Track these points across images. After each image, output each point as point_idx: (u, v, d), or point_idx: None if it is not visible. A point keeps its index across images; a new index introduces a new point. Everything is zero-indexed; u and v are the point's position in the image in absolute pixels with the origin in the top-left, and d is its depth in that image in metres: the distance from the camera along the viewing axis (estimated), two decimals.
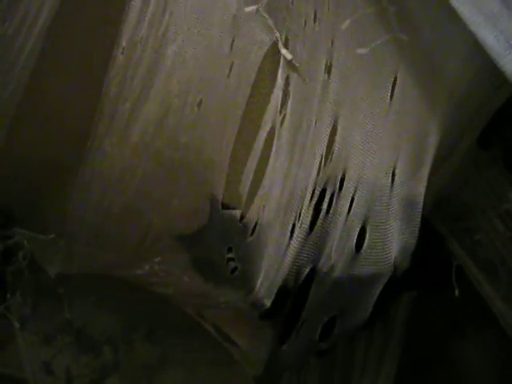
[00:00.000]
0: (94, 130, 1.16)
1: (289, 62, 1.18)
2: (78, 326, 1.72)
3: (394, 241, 1.36)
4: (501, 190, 1.67)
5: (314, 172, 1.24)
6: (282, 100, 1.19)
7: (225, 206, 1.22)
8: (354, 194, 1.29)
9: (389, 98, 1.27)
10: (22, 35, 1.15)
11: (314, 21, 1.20)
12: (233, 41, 1.17)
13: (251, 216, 1.21)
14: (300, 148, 1.22)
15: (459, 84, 1.35)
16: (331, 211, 1.28)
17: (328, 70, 1.21)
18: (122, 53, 1.14)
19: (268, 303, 1.29)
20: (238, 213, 1.21)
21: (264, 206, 1.21)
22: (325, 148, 1.25)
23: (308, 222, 1.27)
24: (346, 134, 1.27)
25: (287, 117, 1.20)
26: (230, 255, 1.24)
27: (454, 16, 1.01)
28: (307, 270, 1.29)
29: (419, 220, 1.40)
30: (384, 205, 1.35)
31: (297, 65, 1.19)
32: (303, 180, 1.23)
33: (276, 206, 1.21)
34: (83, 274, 1.53)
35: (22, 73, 1.18)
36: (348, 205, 1.29)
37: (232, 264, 1.24)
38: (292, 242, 1.26)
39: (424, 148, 1.36)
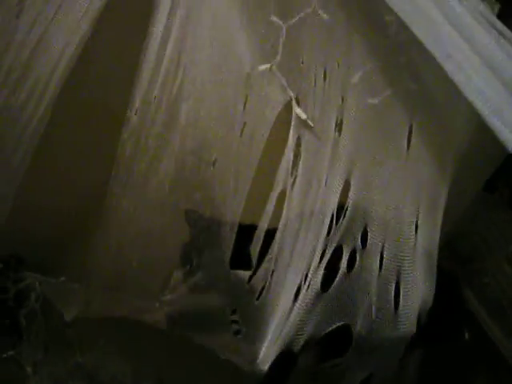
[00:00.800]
0: (110, 188, 1.18)
1: (301, 122, 1.18)
2: (89, 370, 1.72)
3: (419, 295, 1.31)
4: (508, 232, 1.67)
5: (324, 232, 1.21)
6: (294, 161, 1.19)
7: None
8: (382, 250, 1.24)
9: (406, 146, 1.24)
10: (32, 105, 1.18)
11: (324, 79, 1.20)
12: (246, 99, 1.18)
13: (259, 279, 1.20)
14: (310, 209, 1.21)
15: (468, 132, 1.34)
16: (355, 269, 1.22)
17: (339, 127, 1.21)
18: (136, 113, 1.16)
19: (265, 367, 1.22)
20: (246, 274, 1.19)
21: (273, 270, 1.19)
22: (335, 207, 1.22)
23: (318, 283, 1.22)
24: (361, 189, 1.25)
25: (298, 178, 1.19)
26: (234, 317, 1.22)
27: None
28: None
29: (435, 271, 1.35)
30: (411, 258, 1.29)
31: (310, 124, 1.19)
32: (312, 241, 1.20)
33: (284, 269, 1.19)
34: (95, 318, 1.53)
35: (31, 141, 1.20)
36: (378, 261, 1.23)
37: (235, 326, 1.22)
38: (297, 305, 1.21)
39: (439, 195, 1.34)
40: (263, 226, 1.19)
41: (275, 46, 1.17)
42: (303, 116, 1.19)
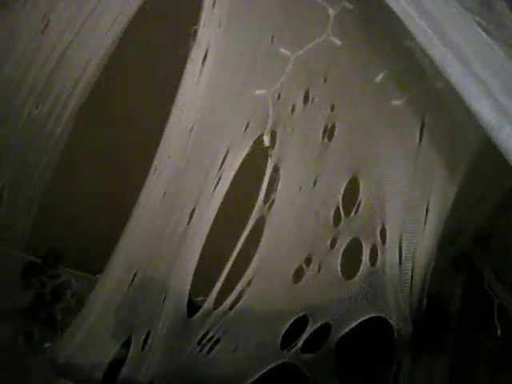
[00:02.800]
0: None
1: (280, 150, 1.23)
2: None
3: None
4: None
5: (329, 224, 1.25)
6: (269, 188, 1.24)
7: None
8: (400, 244, 1.26)
9: (418, 139, 1.24)
10: (54, 117, 1.22)
11: (305, 101, 1.24)
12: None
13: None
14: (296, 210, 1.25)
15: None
16: (378, 263, 1.25)
17: (329, 133, 1.24)
18: None
19: None
20: None
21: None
22: (339, 200, 1.26)
23: (336, 269, 1.25)
24: (372, 184, 1.26)
25: (276, 199, 1.24)
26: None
27: None
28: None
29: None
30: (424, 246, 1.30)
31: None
32: (310, 230, 1.25)
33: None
34: None
35: (53, 153, 1.24)
36: (398, 256, 1.25)
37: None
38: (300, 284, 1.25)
39: (449, 192, 1.33)
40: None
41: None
42: (267, 143, 1.22)
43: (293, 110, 1.25)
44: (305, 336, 1.23)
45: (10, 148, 1.31)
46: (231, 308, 1.24)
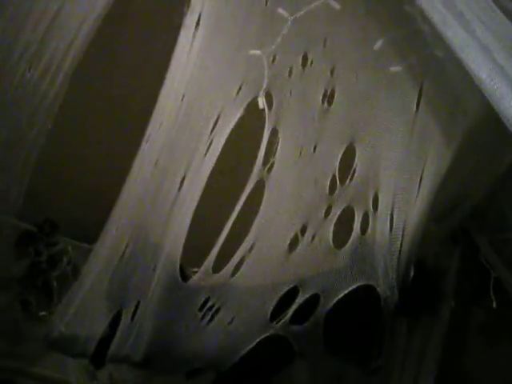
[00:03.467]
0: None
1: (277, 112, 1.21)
2: None
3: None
4: None
5: (324, 192, 1.24)
6: (268, 151, 1.22)
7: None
8: (392, 212, 1.27)
9: (415, 107, 1.24)
10: (47, 81, 1.19)
11: (304, 64, 1.21)
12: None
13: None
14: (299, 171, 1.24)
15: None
16: (369, 231, 1.26)
17: (329, 98, 1.22)
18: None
19: None
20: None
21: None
22: (336, 168, 1.25)
23: (329, 239, 1.26)
24: (368, 153, 1.26)
25: (276, 162, 1.22)
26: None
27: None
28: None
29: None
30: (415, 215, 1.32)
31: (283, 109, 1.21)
32: (308, 198, 1.24)
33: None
34: None
35: (47, 117, 1.22)
36: (389, 224, 1.26)
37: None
38: (295, 254, 1.25)
39: (444, 161, 1.33)
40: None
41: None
42: (261, 106, 1.19)
43: (290, 72, 1.23)
44: (294, 307, 1.24)
45: (1, 112, 1.28)
46: (233, 274, 1.23)
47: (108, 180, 1.71)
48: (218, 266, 1.23)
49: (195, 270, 1.30)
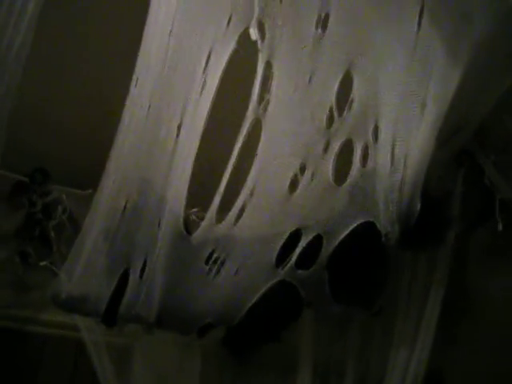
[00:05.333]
0: None
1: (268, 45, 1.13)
2: None
3: None
4: None
5: (322, 126, 1.18)
6: (263, 88, 1.15)
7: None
8: (393, 144, 1.21)
9: (416, 25, 1.16)
10: (10, 28, 1.10)
11: None
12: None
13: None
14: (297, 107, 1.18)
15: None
16: (369, 164, 1.21)
17: (323, 23, 1.15)
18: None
19: None
20: None
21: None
22: (333, 99, 1.18)
23: (328, 175, 1.21)
24: (367, 79, 1.19)
25: (271, 99, 1.15)
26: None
27: None
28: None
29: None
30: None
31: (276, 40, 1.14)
32: (305, 135, 1.19)
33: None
34: None
35: (16, 67, 1.13)
36: (390, 155, 1.21)
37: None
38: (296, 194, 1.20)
39: (449, 82, 1.27)
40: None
41: None
42: (254, 37, 1.12)
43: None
44: (298, 251, 1.20)
45: None
46: (235, 223, 1.19)
47: (97, 124, 1.65)
48: (220, 216, 1.18)
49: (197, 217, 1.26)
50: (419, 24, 1.17)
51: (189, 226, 1.19)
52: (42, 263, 1.82)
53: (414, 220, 1.30)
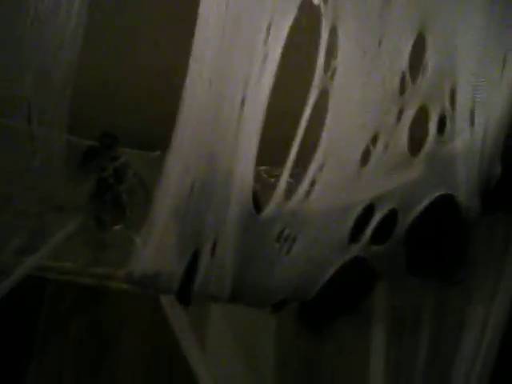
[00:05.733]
0: None
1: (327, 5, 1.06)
2: None
3: None
4: None
5: (395, 93, 1.12)
6: (328, 55, 1.09)
7: None
8: (472, 108, 1.15)
9: None
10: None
11: None
12: None
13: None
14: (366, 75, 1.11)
15: None
16: (447, 133, 1.16)
17: None
18: None
19: None
20: None
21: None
22: (407, 63, 1.12)
23: (403, 144, 1.16)
24: (441, 40, 1.13)
25: (339, 68, 1.09)
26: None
27: None
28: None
29: None
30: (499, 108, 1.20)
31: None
32: (377, 103, 1.13)
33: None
34: None
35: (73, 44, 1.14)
36: (469, 121, 1.16)
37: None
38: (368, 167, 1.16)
39: None
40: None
41: None
42: (316, 1, 1.06)
43: None
44: (372, 225, 1.16)
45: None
46: (306, 198, 1.15)
47: (161, 90, 1.63)
48: (289, 192, 1.15)
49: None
50: None
51: (258, 204, 1.17)
52: (117, 227, 1.85)
53: (494, 183, 1.24)
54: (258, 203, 1.18)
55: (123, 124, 2.00)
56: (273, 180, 1.26)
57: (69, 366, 2.47)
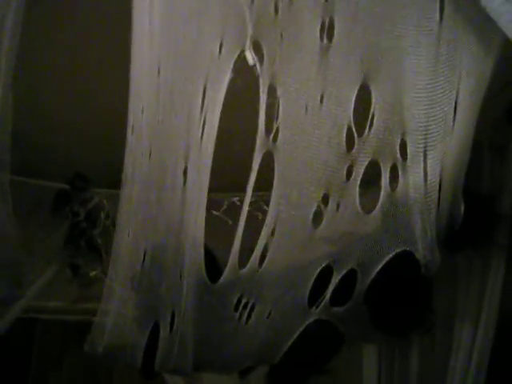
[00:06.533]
0: None
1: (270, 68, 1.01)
2: None
3: None
4: None
5: (342, 150, 1.07)
6: (269, 116, 1.03)
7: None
8: (425, 155, 1.09)
9: (438, 16, 1.02)
10: None
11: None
12: None
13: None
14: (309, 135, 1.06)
15: None
16: (400, 186, 1.10)
17: (328, 31, 1.01)
18: None
19: None
20: None
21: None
22: (351, 117, 1.05)
23: (355, 203, 1.10)
24: (387, 89, 1.06)
25: (281, 127, 1.03)
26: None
27: None
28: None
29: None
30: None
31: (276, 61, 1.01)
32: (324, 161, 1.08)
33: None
34: None
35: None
36: (422, 171, 1.10)
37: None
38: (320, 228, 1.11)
39: (483, 75, 1.12)
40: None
41: None
42: (251, 62, 1.00)
43: (276, 8, 1.00)
44: (331, 287, 1.12)
45: None
46: (260, 265, 1.11)
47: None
48: (242, 260, 1.11)
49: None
50: (441, 14, 1.02)
51: (212, 275, 1.13)
52: (93, 273, 1.83)
53: (459, 223, 1.20)
54: (215, 270, 1.15)
55: (93, 163, 1.97)
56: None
57: None
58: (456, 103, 1.11)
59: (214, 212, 1.73)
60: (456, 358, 1.65)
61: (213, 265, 1.15)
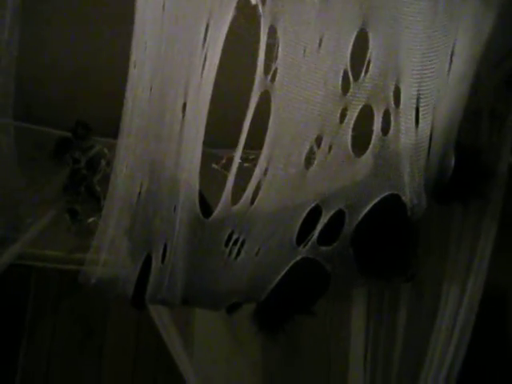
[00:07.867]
0: None
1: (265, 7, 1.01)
2: None
3: None
4: None
5: (337, 93, 1.08)
6: (268, 56, 1.04)
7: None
8: (417, 105, 1.11)
9: None
10: None
11: None
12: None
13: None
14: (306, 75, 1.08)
15: None
16: (391, 131, 1.11)
17: None
18: None
19: None
20: None
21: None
22: (348, 62, 1.07)
23: (346, 146, 1.12)
24: (384, 35, 1.07)
25: (279, 68, 1.05)
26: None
27: None
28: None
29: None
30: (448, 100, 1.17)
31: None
32: (319, 103, 1.09)
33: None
34: None
35: None
36: (414, 119, 1.11)
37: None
38: (312, 168, 1.13)
39: (482, 28, 1.14)
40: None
41: None
42: (254, 1, 1.01)
43: None
44: (319, 227, 1.15)
45: None
46: (252, 202, 1.14)
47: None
48: (235, 197, 1.14)
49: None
50: None
51: (205, 209, 1.16)
52: (90, 220, 1.86)
53: (449, 176, 1.22)
54: (207, 207, 1.17)
55: (96, 113, 1.99)
56: (247, 165, 1.25)
57: (57, 348, 2.53)
58: (452, 55, 1.13)
59: (214, 165, 1.75)
60: (442, 319, 1.69)
61: (204, 203, 1.17)
